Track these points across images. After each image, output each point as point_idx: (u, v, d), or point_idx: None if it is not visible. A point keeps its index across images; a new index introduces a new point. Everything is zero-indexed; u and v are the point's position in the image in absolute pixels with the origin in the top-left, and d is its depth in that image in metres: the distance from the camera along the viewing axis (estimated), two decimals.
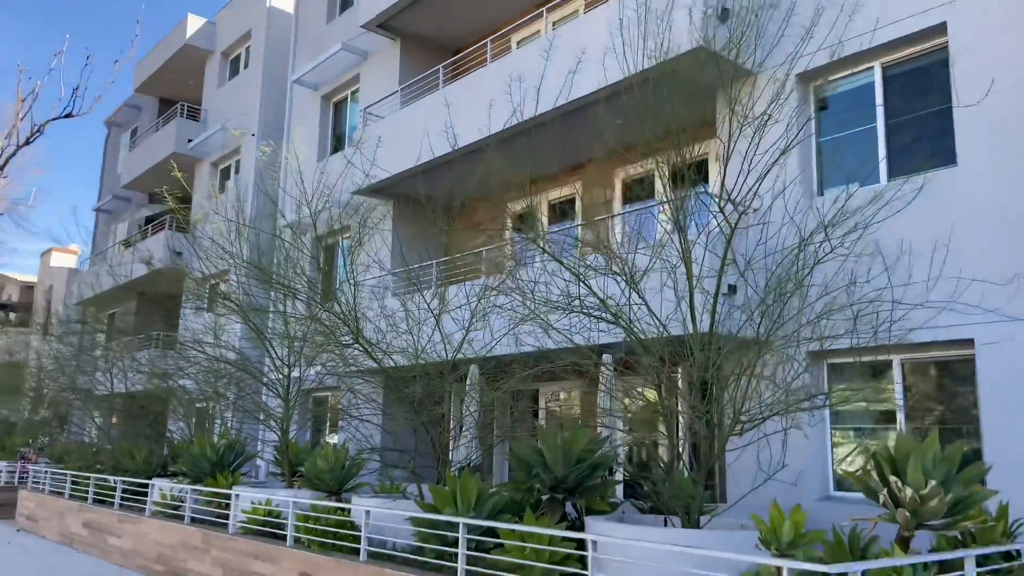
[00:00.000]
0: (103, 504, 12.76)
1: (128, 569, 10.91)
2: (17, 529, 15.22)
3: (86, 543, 12.41)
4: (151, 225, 26.07)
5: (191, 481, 11.50)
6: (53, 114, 15.66)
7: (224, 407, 13.57)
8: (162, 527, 10.47)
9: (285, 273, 9.99)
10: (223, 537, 9.15)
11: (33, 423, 25.07)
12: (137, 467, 13.34)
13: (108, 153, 33.49)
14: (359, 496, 8.95)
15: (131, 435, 16.88)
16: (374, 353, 8.41)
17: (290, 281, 9.81)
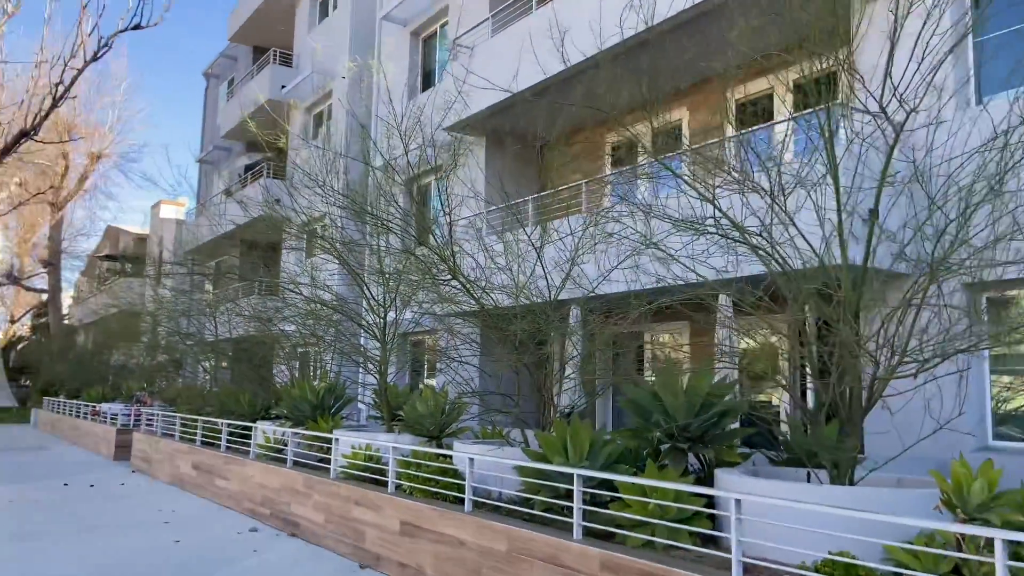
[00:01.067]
0: (211, 446, 12.91)
1: (235, 511, 10.94)
2: (132, 470, 15.75)
3: (195, 484, 12.61)
4: (250, 173, 26.36)
5: (293, 424, 11.39)
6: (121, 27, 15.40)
7: (323, 350, 13.42)
8: (266, 470, 10.38)
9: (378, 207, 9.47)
10: (324, 482, 8.89)
11: (149, 367, 26.20)
12: (242, 410, 13.43)
13: (208, 105, 34.10)
14: (461, 442, 8.49)
15: (238, 379, 17.16)
16: (472, 290, 7.78)
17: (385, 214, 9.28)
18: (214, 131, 32.46)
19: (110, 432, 18.50)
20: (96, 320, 36.68)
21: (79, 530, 9.57)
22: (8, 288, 40.84)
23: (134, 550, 8.44)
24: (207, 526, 9.94)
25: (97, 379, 26.95)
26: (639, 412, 6.79)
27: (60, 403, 26.43)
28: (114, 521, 10.26)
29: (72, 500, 11.93)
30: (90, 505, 11.51)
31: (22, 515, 10.58)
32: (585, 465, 6.32)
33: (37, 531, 9.46)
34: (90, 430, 20.65)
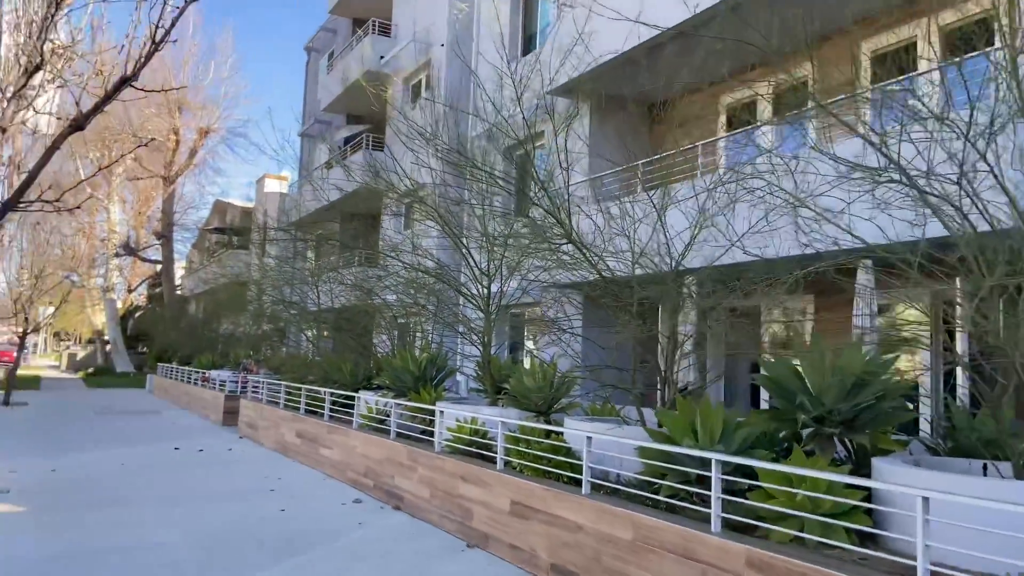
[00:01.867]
0: (314, 415, 12.91)
1: (339, 480, 10.83)
2: (240, 436, 16.06)
3: (299, 452, 12.63)
4: (349, 145, 26.51)
5: (395, 395, 11.16)
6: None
7: (424, 320, 13.17)
8: (368, 440, 10.19)
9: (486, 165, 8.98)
10: (429, 455, 8.57)
11: (254, 336, 26.96)
12: (344, 380, 13.36)
13: (308, 79, 34.58)
14: (571, 418, 7.97)
15: (340, 348, 17.24)
16: (589, 256, 7.19)
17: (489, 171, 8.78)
18: (315, 105, 32.88)
19: (219, 398, 19.01)
20: (206, 290, 38.20)
21: (186, 496, 9.64)
22: (126, 259, 43.03)
23: (240, 519, 8.37)
24: (312, 496, 9.84)
25: (207, 347, 27.95)
26: (779, 392, 6.07)
27: (173, 369, 27.57)
28: (220, 487, 10.32)
29: (181, 465, 12.16)
30: (198, 470, 11.67)
31: (131, 479, 10.78)
32: (719, 449, 5.68)
33: (143, 496, 9.58)
34: (200, 396, 21.34)
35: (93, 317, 47.27)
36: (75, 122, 4.45)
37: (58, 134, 4.36)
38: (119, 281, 44.93)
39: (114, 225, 39.86)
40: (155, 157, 39.03)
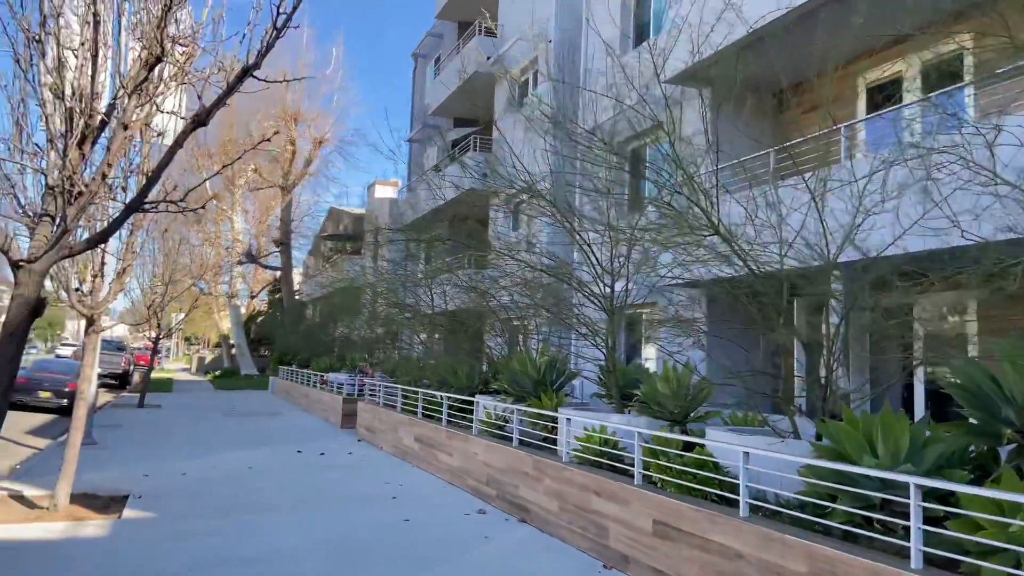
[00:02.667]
0: (431, 419, 12.69)
1: (459, 488, 10.50)
2: (358, 439, 16.10)
3: (418, 457, 12.43)
4: (457, 148, 26.50)
5: (514, 400, 10.74)
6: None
7: (541, 321, 12.71)
8: (489, 448, 9.80)
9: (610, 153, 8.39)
10: (556, 466, 8.06)
11: (369, 339, 27.38)
12: (460, 383, 13.08)
13: (416, 85, 34.99)
14: (714, 429, 7.27)
15: (452, 351, 17.06)
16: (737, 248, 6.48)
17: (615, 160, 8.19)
18: (422, 110, 33.21)
19: (337, 401, 19.24)
20: (322, 295, 39.35)
21: (309, 501, 9.54)
22: (248, 266, 44.98)
23: (365, 528, 8.13)
24: (434, 504, 9.54)
25: (324, 350, 28.62)
26: (974, 401, 5.19)
27: (293, 372, 28.37)
28: (344, 493, 10.18)
29: (303, 468, 12.18)
30: (320, 475, 11.64)
31: (258, 483, 10.82)
32: (909, 469, 4.87)
33: (269, 501, 9.53)
34: (319, 398, 21.74)
35: (219, 322, 49.74)
36: (198, 117, 4.15)
37: (181, 131, 4.06)
38: (242, 287, 47.08)
39: (237, 234, 41.70)
40: (273, 168, 40.56)
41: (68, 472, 8.65)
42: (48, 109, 4.34)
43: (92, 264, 8.87)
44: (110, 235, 4.34)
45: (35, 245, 4.14)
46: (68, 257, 4.21)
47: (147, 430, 16.98)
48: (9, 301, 4.16)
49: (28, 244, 4.22)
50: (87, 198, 4.15)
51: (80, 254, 4.32)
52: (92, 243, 4.35)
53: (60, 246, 4.13)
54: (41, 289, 4.14)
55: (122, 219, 4.24)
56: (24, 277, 4.08)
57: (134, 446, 14.18)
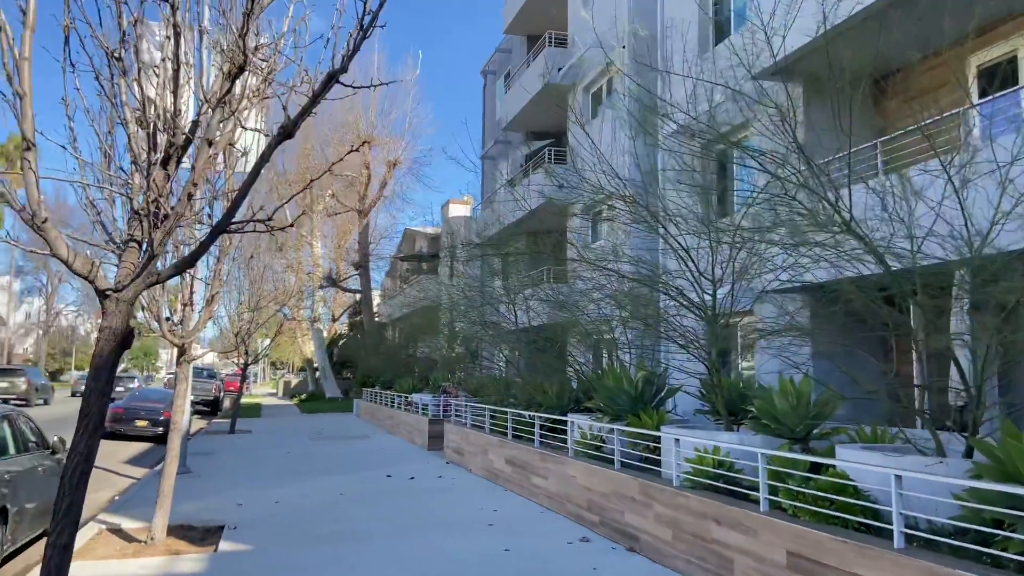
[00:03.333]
0: (522, 440, 12.24)
1: (558, 514, 9.99)
2: (447, 461, 15.78)
3: (510, 481, 11.98)
4: (531, 162, 26.20)
5: (611, 419, 10.19)
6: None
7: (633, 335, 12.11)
8: (588, 470, 9.26)
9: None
10: (667, 491, 7.47)
11: (449, 358, 27.23)
12: (550, 402, 12.59)
13: (486, 102, 34.97)
14: (844, 447, 6.55)
15: (535, 368, 16.62)
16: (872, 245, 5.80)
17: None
18: (494, 127, 33.13)
19: (422, 422, 19.03)
20: (401, 316, 39.62)
21: (404, 529, 9.20)
22: (329, 290, 45.76)
23: (464, 559, 7.71)
24: (533, 531, 9.06)
25: (405, 370, 28.62)
26: None
27: (376, 394, 28.45)
28: (437, 519, 9.81)
29: (395, 493, 11.90)
30: (412, 500, 11.32)
31: (350, 510, 10.57)
32: None
33: (364, 530, 9.24)
34: (404, 420, 21.60)
35: (303, 346, 50.76)
36: (284, 129, 3.83)
37: (267, 144, 3.74)
38: (324, 311, 47.92)
39: (317, 259, 42.49)
40: (350, 193, 41.22)
41: (164, 504, 8.56)
42: (131, 129, 4.10)
43: (182, 293, 8.82)
44: (197, 258, 4.06)
45: (122, 273, 3.89)
46: (156, 284, 3.94)
47: (239, 456, 17.10)
48: (97, 333, 3.92)
49: (115, 273, 3.97)
50: (174, 220, 3.88)
51: (168, 280, 4.04)
52: (180, 268, 4.09)
53: (147, 272, 3.86)
54: (130, 319, 3.88)
55: (209, 241, 3.95)
56: (112, 307, 3.83)
57: (227, 473, 14.23)
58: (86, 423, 3.83)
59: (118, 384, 56.35)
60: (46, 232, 3.69)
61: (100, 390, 3.86)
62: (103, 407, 3.90)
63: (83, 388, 16.14)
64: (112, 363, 3.91)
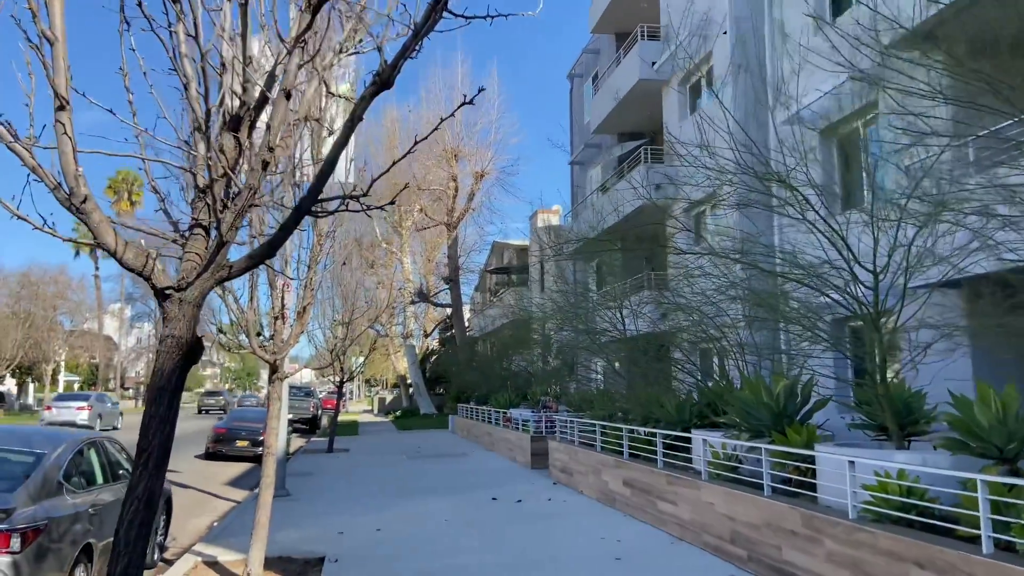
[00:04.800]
0: (640, 459, 11.05)
1: (692, 545, 8.75)
2: (553, 482, 14.70)
3: (630, 505, 10.79)
4: (625, 164, 25.03)
5: (750, 436, 8.90)
6: None
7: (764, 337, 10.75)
8: (730, 496, 8.01)
9: None
10: (841, 524, 6.17)
11: (546, 372, 26.20)
12: (669, 417, 11.36)
13: (573, 106, 33.97)
14: None
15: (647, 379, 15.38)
16: None
17: None
18: (582, 131, 32.09)
19: (523, 439, 18.03)
20: (492, 330, 38.91)
21: (521, 565, 8.18)
22: (420, 306, 45.60)
23: None
24: (670, 568, 7.88)
25: (500, 385, 27.76)
26: None
27: (471, 409, 27.67)
28: (556, 552, 8.75)
29: (504, 519, 10.91)
30: (524, 527, 10.30)
31: (458, 540, 9.63)
32: None
33: (475, 564, 8.26)
34: (503, 436, 20.68)
35: (396, 363, 50.78)
36: (380, 77, 2.87)
37: (361, 97, 2.78)
38: (416, 328, 47.80)
39: (408, 274, 42.36)
40: (438, 207, 40.94)
41: (260, 536, 7.83)
42: (191, 88, 3.26)
43: (273, 305, 8.13)
44: (279, 244, 3.17)
45: (186, 267, 3.04)
46: (228, 279, 3.06)
47: (338, 477, 16.53)
48: (158, 344, 3.06)
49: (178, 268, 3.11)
50: (246, 197, 2.99)
51: (242, 273, 3.15)
52: (258, 258, 3.21)
53: (217, 265, 2.98)
54: (196, 324, 3.00)
55: (293, 223, 3.05)
56: (174, 310, 2.98)
57: (327, 496, 13.60)
58: (144, 459, 2.97)
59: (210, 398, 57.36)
60: (87, 215, 2.86)
61: (162, 416, 3.00)
62: (167, 438, 3.03)
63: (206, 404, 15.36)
64: (177, 381, 3.04)
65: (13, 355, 51.67)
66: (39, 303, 55.30)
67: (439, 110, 39.62)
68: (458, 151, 39.06)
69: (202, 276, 3.03)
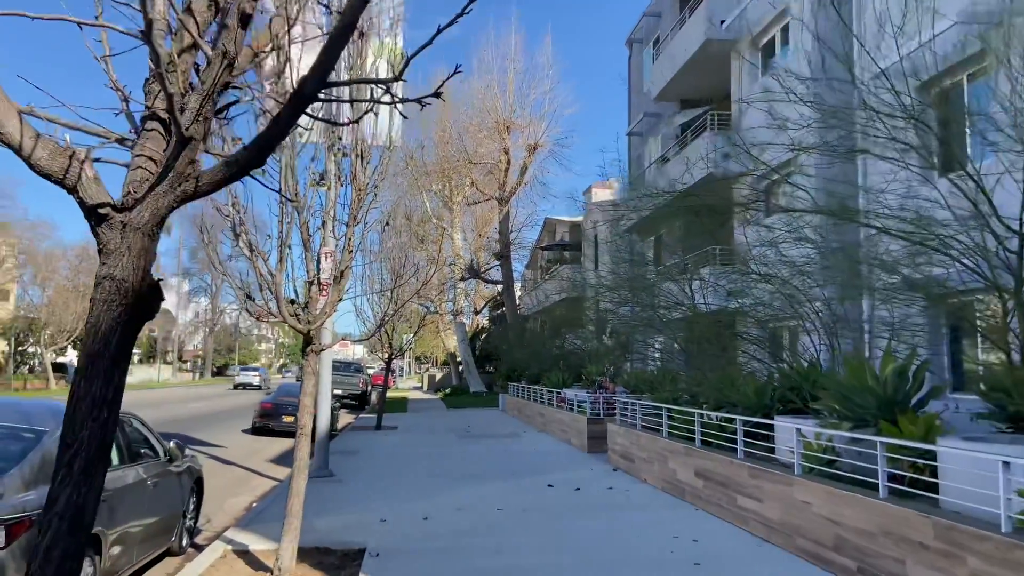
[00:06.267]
0: (708, 446, 9.93)
1: (783, 549, 7.60)
2: (613, 468, 13.63)
3: (703, 499, 9.68)
4: (688, 132, 23.58)
5: (852, 425, 7.67)
6: None
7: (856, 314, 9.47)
8: (832, 496, 6.84)
9: None
10: (991, 539, 4.97)
11: (601, 351, 25.10)
12: (746, 401, 10.16)
13: (632, 74, 32.42)
14: None
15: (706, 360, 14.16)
16: None
17: None
18: (641, 100, 30.59)
19: (579, 421, 16.99)
20: (543, 308, 37.85)
21: (584, 566, 7.16)
22: (470, 283, 44.75)
23: None
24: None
25: (552, 364, 26.75)
26: None
27: (523, 388, 26.75)
28: (623, 551, 7.70)
29: (562, 510, 9.90)
30: (585, 520, 9.28)
31: (513, 535, 8.65)
32: None
33: (533, 566, 7.28)
34: (557, 417, 19.68)
35: (446, 340, 50.18)
36: None
37: None
38: (466, 304, 47.04)
39: (458, 250, 41.48)
40: (489, 181, 39.88)
41: (292, 526, 6.97)
42: None
43: (308, 268, 7.21)
44: (270, 145, 2.14)
45: (134, 177, 2.04)
46: (195, 196, 2.04)
47: (384, 457, 15.76)
48: (93, 291, 2.07)
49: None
50: (219, 70, 1.96)
51: (217, 188, 2.13)
52: (238, 165, 2.16)
53: (178, 173, 1.96)
54: (150, 263, 2.00)
55: (290, 116, 2.00)
56: (114, 240, 2.01)
57: (371, 478, 12.80)
58: (69, 459, 2.00)
59: (244, 374, 57.03)
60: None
61: (96, 397, 2.02)
62: (104, 429, 2.06)
63: (239, 380, 14.33)
64: (119, 345, 2.06)
65: (73, 327, 52.82)
66: None
67: (491, 80, 38.44)
68: (510, 123, 37.84)
69: (156, 190, 2.02)
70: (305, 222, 7.03)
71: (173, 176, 2.03)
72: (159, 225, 2.06)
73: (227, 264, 6.88)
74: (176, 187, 2.04)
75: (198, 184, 2.07)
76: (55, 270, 54.48)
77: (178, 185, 2.04)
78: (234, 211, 6.68)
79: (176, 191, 2.04)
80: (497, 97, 37.89)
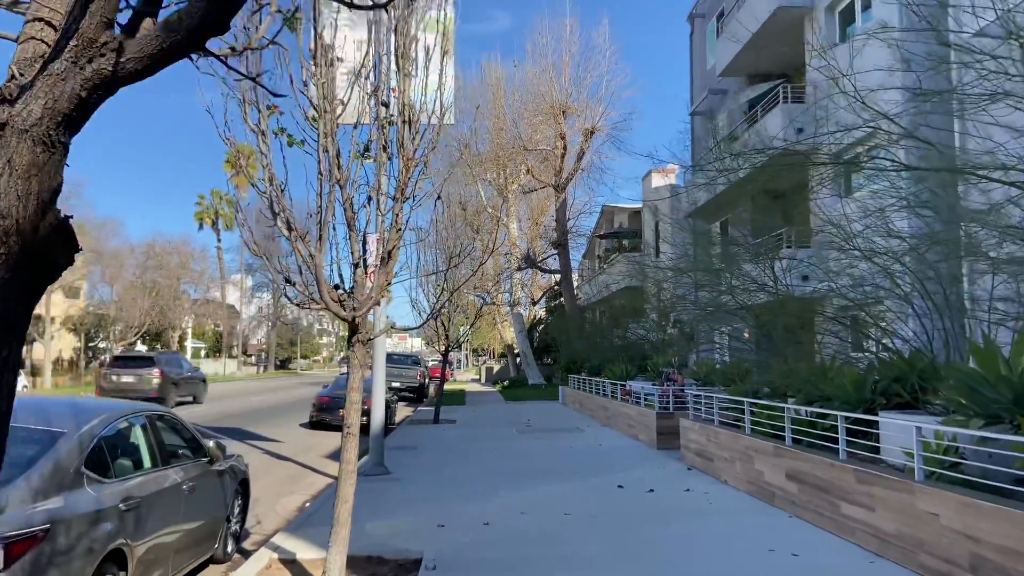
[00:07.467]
0: (799, 444, 8.88)
1: (903, 567, 6.53)
2: (687, 467, 12.61)
3: (798, 505, 8.64)
4: (757, 108, 22.21)
5: (983, 424, 6.56)
6: None
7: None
8: (967, 507, 5.77)
9: None
10: None
11: (665, 342, 24.03)
12: (843, 395, 9.04)
13: (694, 51, 30.99)
14: None
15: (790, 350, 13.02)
16: None
17: None
18: (704, 78, 29.22)
19: (647, 415, 16.00)
20: (603, 297, 36.75)
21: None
22: (527, 273, 43.90)
23: None
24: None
25: (613, 355, 25.74)
26: None
27: (583, 381, 25.82)
28: (709, 566, 6.77)
29: (635, 515, 8.99)
30: (662, 529, 8.34)
31: (583, 544, 7.79)
32: None
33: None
34: (622, 411, 18.71)
35: (503, 332, 49.50)
36: None
37: None
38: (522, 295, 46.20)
39: (514, 240, 40.67)
40: (545, 168, 38.92)
41: (340, 536, 6.24)
42: None
43: (353, 249, 6.46)
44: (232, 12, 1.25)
45: (22, 54, 1.21)
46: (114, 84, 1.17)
47: (442, 453, 15.08)
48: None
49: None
50: None
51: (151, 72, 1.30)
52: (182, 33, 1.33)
53: (84, 44, 1.12)
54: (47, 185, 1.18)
55: None
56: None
57: (429, 476, 12.11)
58: None
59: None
60: None
61: None
62: None
63: None
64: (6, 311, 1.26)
65: (141, 322, 54.00)
66: (164, 273, 57.47)
67: (546, 64, 37.43)
68: (566, 107, 36.77)
69: (50, 67, 1.22)
70: (349, 197, 6.28)
71: (78, 45, 1.23)
72: (62, 127, 1.27)
73: (264, 245, 6.19)
74: (82, 64, 1.25)
75: (119, 59, 1.28)
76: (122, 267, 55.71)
77: (86, 61, 1.25)
78: (271, 187, 5.99)
79: (84, 71, 1.26)
80: (552, 81, 36.85)
